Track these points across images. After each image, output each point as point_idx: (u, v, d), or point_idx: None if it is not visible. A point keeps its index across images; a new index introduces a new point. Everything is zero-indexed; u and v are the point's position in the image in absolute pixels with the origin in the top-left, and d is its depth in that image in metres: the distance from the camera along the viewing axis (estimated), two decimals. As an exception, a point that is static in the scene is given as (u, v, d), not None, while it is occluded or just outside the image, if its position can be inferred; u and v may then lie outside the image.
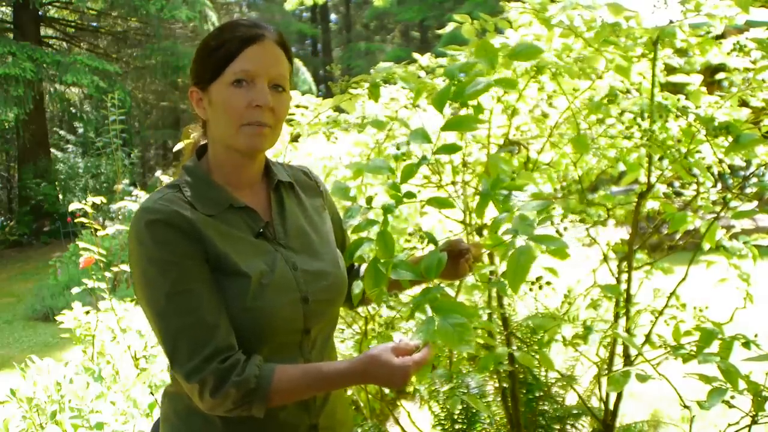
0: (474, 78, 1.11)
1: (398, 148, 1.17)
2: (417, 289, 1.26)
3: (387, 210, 1.08)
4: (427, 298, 1.02)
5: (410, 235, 1.83)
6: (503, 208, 1.02)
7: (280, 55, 1.10)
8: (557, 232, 1.67)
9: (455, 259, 1.30)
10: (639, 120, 1.57)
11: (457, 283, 1.78)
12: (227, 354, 1.01)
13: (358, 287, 1.15)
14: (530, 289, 1.65)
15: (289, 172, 1.27)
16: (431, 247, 1.13)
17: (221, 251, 1.05)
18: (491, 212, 1.08)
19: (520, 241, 0.93)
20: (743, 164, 1.86)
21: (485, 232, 1.67)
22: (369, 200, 1.12)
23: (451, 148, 1.14)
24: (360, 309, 1.92)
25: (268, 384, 1.01)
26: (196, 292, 1.02)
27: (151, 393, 2.51)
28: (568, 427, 2.37)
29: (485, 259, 1.64)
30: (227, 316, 1.04)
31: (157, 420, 1.24)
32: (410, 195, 1.09)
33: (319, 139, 2.18)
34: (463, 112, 1.19)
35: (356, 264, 1.35)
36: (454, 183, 1.73)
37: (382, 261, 1.07)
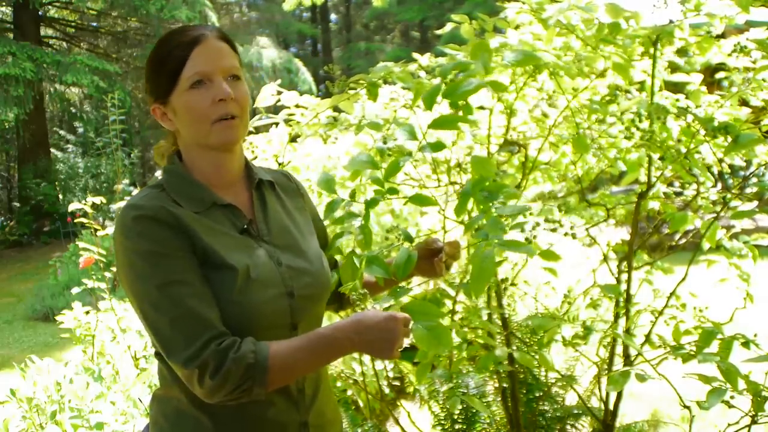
0: (466, 78, 1.11)
1: (385, 142, 1.18)
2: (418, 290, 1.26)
3: (369, 204, 1.08)
4: (398, 302, 1.03)
5: (388, 231, 1.83)
6: (482, 209, 1.02)
7: (225, 48, 1.13)
8: (526, 239, 1.66)
9: (430, 258, 1.32)
10: (638, 120, 1.56)
11: (457, 281, 1.78)
12: (223, 338, 1.02)
13: (332, 278, 1.15)
14: (494, 292, 1.65)
15: (270, 173, 1.28)
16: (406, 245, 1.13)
17: (207, 245, 1.07)
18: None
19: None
20: (743, 164, 1.85)
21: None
22: (353, 194, 1.13)
23: (436, 146, 1.14)
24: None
25: (266, 358, 1.02)
26: (188, 282, 1.03)
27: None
28: (568, 427, 2.36)
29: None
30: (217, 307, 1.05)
31: (147, 425, 1.24)
32: (393, 191, 1.10)
33: (318, 140, 2.18)
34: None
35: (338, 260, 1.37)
36: (452, 183, 1.73)
37: (358, 255, 1.08)
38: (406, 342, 1.07)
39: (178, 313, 1.02)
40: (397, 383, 3.05)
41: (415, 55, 1.82)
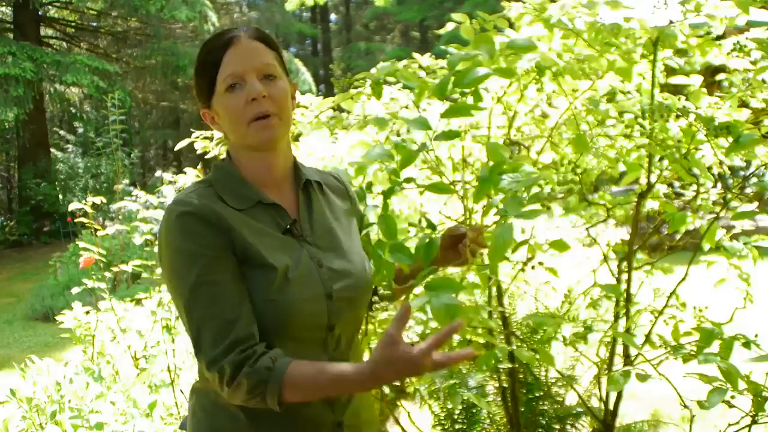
0: (473, 67, 1.12)
1: (398, 135, 1.18)
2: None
3: (387, 194, 1.08)
4: (420, 278, 1.03)
5: (410, 225, 1.82)
6: (498, 191, 1.03)
7: (258, 47, 1.13)
8: (543, 206, 1.65)
9: (454, 246, 1.30)
10: (639, 120, 1.57)
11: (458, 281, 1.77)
12: (247, 344, 1.04)
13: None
14: (522, 270, 1.64)
15: (319, 174, 1.29)
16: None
17: (248, 243, 1.08)
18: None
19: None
20: (743, 164, 1.86)
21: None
22: (369, 186, 1.13)
23: (450, 135, 1.14)
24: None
25: (280, 376, 1.02)
26: (221, 283, 1.05)
27: (152, 392, 2.51)
28: (568, 427, 2.37)
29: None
30: (251, 307, 1.07)
31: (185, 417, 1.26)
32: (410, 180, 1.10)
33: (320, 139, 2.18)
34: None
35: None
36: (454, 183, 1.73)
37: (382, 245, 1.08)
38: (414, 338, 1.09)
39: (207, 313, 1.04)
40: (397, 383, 3.05)
41: (415, 55, 1.82)
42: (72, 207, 3.27)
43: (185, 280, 1.05)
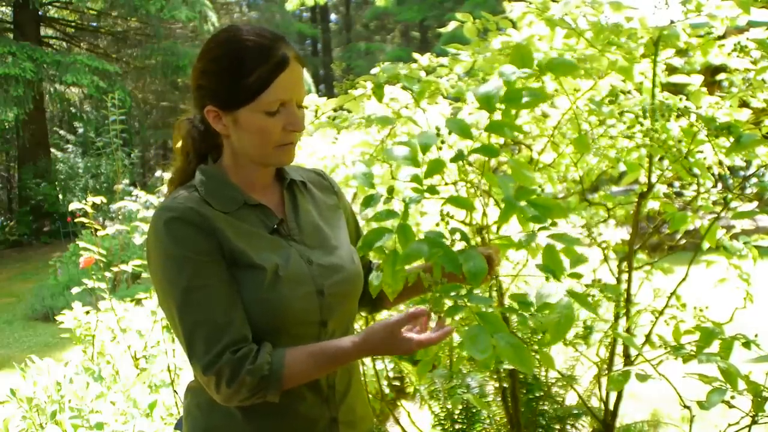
0: (515, 85, 1.09)
1: (438, 134, 1.13)
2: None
3: (408, 202, 1.05)
4: (477, 310, 0.97)
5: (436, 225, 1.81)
6: (524, 220, 1.00)
7: (301, 73, 1.12)
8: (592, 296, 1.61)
9: None
10: (640, 120, 1.57)
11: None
12: (240, 345, 1.04)
13: (377, 279, 1.14)
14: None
15: (303, 173, 1.29)
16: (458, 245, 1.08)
17: (236, 246, 1.08)
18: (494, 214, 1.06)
19: (555, 291, 0.93)
20: (743, 164, 1.86)
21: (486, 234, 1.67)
22: (390, 190, 1.10)
23: (489, 151, 1.11)
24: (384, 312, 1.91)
25: (281, 368, 1.05)
26: (212, 287, 1.05)
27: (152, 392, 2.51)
28: (568, 427, 2.37)
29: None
30: (243, 309, 1.07)
31: (181, 417, 1.26)
32: (433, 190, 1.07)
33: (321, 139, 2.18)
34: (464, 111, 1.18)
35: (372, 260, 1.36)
36: (455, 183, 1.73)
37: (401, 255, 1.05)
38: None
39: (199, 318, 1.04)
40: (397, 383, 3.05)
41: (416, 55, 1.82)
42: (72, 207, 3.28)
43: (176, 285, 1.05)
